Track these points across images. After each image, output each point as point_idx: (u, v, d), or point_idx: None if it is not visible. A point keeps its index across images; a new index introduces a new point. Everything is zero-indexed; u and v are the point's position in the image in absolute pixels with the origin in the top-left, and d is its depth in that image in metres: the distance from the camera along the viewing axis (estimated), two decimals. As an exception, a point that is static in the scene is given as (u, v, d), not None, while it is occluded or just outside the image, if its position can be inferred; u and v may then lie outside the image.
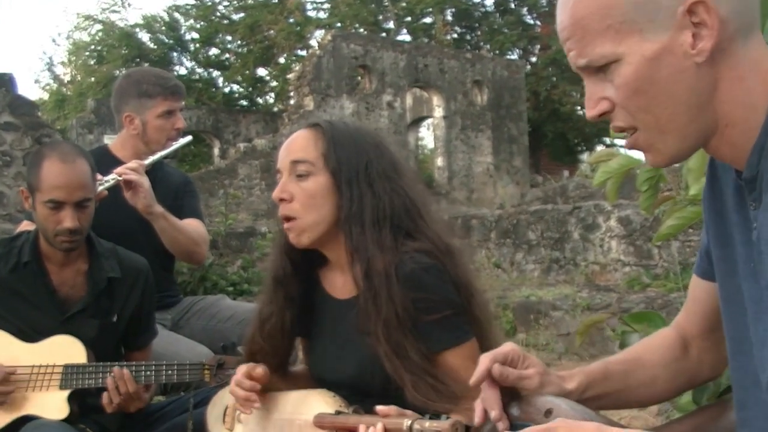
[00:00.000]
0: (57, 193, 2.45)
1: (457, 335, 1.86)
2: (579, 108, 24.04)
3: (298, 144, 1.95)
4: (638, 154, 1.34)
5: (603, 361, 1.54)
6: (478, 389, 1.44)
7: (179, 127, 3.29)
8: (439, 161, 19.88)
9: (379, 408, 1.62)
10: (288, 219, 1.93)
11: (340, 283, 2.01)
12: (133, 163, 3.02)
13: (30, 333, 2.52)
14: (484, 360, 1.42)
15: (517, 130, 20.62)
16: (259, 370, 2.02)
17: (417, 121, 21.74)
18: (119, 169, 2.96)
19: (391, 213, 1.90)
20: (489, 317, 1.98)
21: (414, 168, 14.38)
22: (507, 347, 1.44)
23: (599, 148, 26.10)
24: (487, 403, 1.40)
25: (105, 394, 2.44)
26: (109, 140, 12.12)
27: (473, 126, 19.91)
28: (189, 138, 3.42)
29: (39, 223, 2.51)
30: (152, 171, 3.17)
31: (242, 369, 2.03)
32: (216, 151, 21.78)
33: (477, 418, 1.41)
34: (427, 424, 1.48)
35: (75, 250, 2.55)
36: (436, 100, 19.77)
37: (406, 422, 1.52)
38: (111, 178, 2.93)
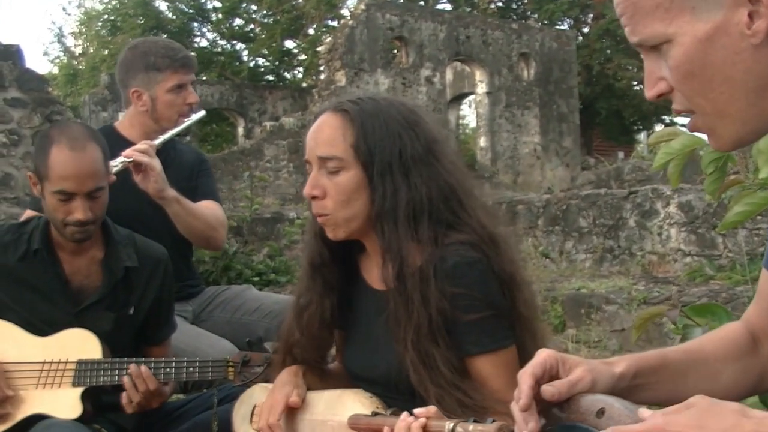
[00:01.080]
0: (66, 184, 2.44)
1: (496, 339, 1.84)
2: (636, 83, 23.82)
3: (325, 136, 1.92)
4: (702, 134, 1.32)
5: (659, 350, 1.51)
6: (508, 402, 1.42)
7: (191, 102, 3.27)
8: (482, 141, 19.82)
9: (418, 410, 1.62)
10: (321, 215, 1.94)
11: (377, 273, 2.00)
12: (142, 144, 3.01)
13: (41, 326, 2.53)
14: (526, 379, 1.38)
15: (567, 108, 20.48)
16: (296, 399, 2.04)
17: (458, 98, 21.69)
18: (128, 152, 2.94)
19: (429, 205, 1.88)
20: (535, 313, 1.96)
21: (456, 150, 14.35)
22: (541, 355, 1.41)
23: (658, 127, 25.86)
24: (527, 416, 1.39)
25: (124, 394, 2.45)
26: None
27: (519, 103, 19.81)
28: (202, 113, 3.41)
29: (48, 212, 2.51)
30: (164, 150, 3.16)
31: (282, 400, 2.04)
32: (240, 130, 21.90)
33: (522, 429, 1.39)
34: (471, 427, 1.48)
35: (87, 240, 2.56)
36: (479, 75, 19.69)
37: (448, 425, 1.52)
38: (119, 162, 2.91)
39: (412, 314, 1.80)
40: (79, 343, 2.50)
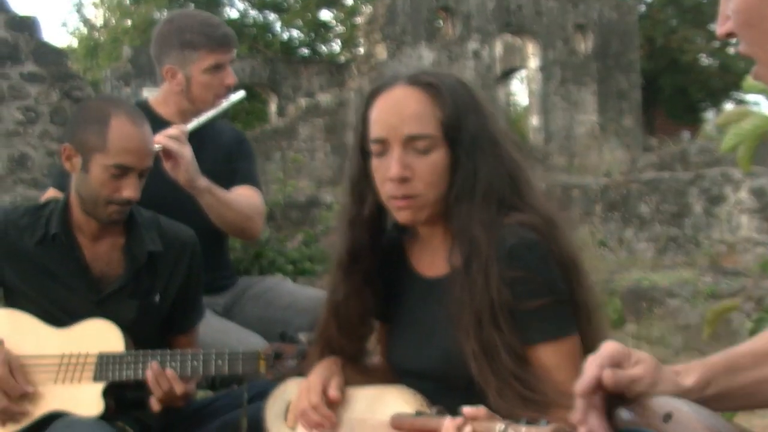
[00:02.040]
0: (128, 158, 2.47)
1: (558, 327, 1.83)
2: (703, 56, 23.54)
3: (412, 111, 1.91)
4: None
5: (726, 351, 1.50)
6: (570, 396, 1.42)
7: (229, 84, 3.26)
8: (534, 120, 19.73)
9: (466, 409, 1.61)
10: (406, 197, 1.93)
11: (428, 260, 2.01)
12: (174, 130, 2.99)
13: (60, 316, 2.55)
14: (592, 366, 1.39)
15: (627, 84, 20.30)
16: (334, 393, 2.04)
17: (508, 74, 21.59)
18: (158, 138, 2.90)
19: (499, 185, 1.90)
20: (596, 303, 1.95)
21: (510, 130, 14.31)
22: (609, 348, 1.41)
23: (727, 105, 25.56)
24: (585, 413, 1.38)
25: (153, 398, 2.47)
26: (148, 94, 12.29)
27: (575, 79, 19.67)
28: (242, 93, 3.39)
29: (90, 188, 2.51)
30: (200, 129, 3.17)
31: (318, 385, 2.05)
32: (273, 107, 21.97)
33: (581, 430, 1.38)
34: (524, 429, 1.47)
35: (120, 223, 2.57)
36: (531, 48, 19.57)
37: (499, 427, 1.51)
38: None
39: (475, 298, 1.81)
40: (100, 335, 2.51)
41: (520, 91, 32.75)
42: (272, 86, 21.82)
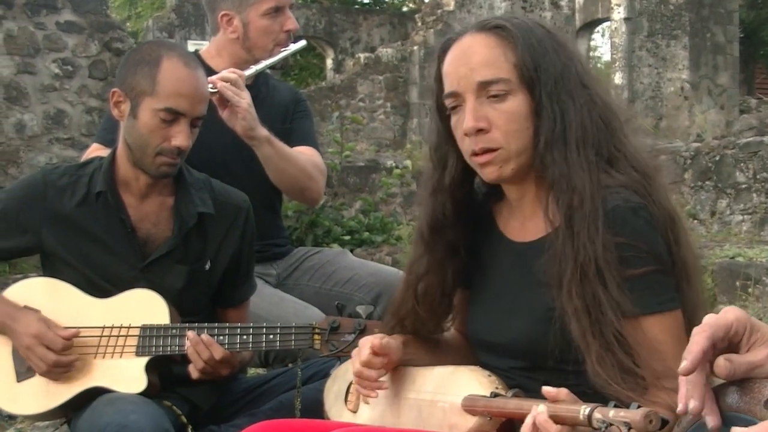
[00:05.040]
0: (179, 102, 2.50)
1: (663, 299, 1.83)
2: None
3: (481, 57, 1.92)
4: None
5: None
6: (673, 376, 1.40)
7: (290, 29, 3.27)
8: (618, 78, 19.50)
9: (547, 390, 1.61)
10: (487, 151, 1.93)
11: (518, 224, 2.03)
12: (230, 73, 3.01)
13: (101, 284, 2.59)
14: (700, 340, 1.35)
15: (724, 37, 19.96)
16: (389, 340, 2.05)
17: (589, 25, 21.33)
18: (213, 78, 2.93)
19: (594, 131, 1.90)
20: (696, 263, 1.95)
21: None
22: (729, 316, 1.38)
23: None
24: (690, 390, 1.35)
25: (191, 366, 2.50)
26: (194, 47, 12.35)
27: (664, 31, 19.39)
28: (303, 43, 3.40)
29: (138, 135, 2.54)
30: (255, 85, 3.17)
31: (367, 342, 2.06)
32: (329, 62, 21.99)
33: (681, 405, 1.36)
34: (612, 413, 1.47)
35: (171, 176, 2.60)
36: (616, -3, 19.33)
37: (584, 409, 1.51)
38: None
39: (579, 251, 1.81)
40: (144, 306, 2.55)
41: (602, 45, 32.38)
42: (328, 39, 21.81)
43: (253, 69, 3.16)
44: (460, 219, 2.05)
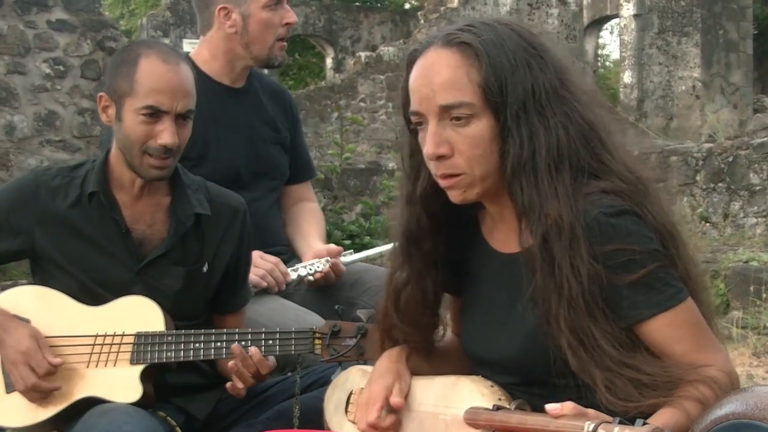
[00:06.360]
0: (159, 99, 2.50)
1: (669, 295, 1.82)
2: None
3: (443, 78, 1.87)
4: None
5: None
6: (701, 366, 1.41)
7: (290, 22, 3.25)
8: (627, 77, 19.52)
9: (551, 406, 1.61)
10: (450, 176, 1.91)
11: (502, 235, 2.01)
12: (267, 265, 3.13)
13: (95, 289, 2.58)
14: None
15: (737, 34, 19.97)
16: (396, 399, 2.05)
17: (598, 22, 21.35)
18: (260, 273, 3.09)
19: (569, 149, 1.86)
20: (699, 278, 1.95)
21: (592, 84, 14.16)
22: None
23: None
24: None
25: (229, 384, 2.50)
26: (190, 46, 12.35)
27: (675, 28, 19.41)
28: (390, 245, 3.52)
29: (125, 138, 2.54)
30: (248, 85, 3.20)
31: (379, 398, 2.06)
32: (329, 61, 22.01)
33: None
34: (617, 429, 1.46)
35: (164, 178, 2.60)
36: (625, -7, 19.35)
37: (588, 426, 1.51)
38: (305, 268, 3.18)
39: (563, 286, 1.79)
40: (138, 313, 2.54)
41: (611, 43, 32.38)
42: (328, 37, 21.84)
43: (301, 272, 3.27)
44: (438, 229, 2.04)
